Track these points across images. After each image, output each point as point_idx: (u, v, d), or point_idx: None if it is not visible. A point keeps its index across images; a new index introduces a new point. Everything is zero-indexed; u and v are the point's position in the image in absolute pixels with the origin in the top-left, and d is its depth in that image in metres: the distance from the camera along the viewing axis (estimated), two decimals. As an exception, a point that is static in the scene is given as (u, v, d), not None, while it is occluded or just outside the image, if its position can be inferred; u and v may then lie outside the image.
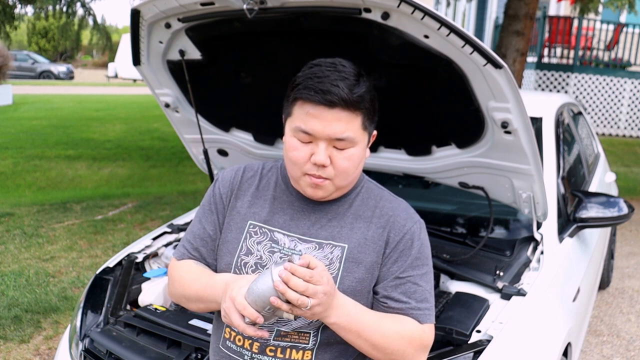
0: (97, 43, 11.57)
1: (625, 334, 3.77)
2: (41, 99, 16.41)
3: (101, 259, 4.55)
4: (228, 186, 1.45)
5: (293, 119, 1.30)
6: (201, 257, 1.45)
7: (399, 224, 1.36)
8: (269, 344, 1.32)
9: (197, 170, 7.24)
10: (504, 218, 2.55)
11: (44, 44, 40.77)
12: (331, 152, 1.28)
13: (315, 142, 1.28)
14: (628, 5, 7.91)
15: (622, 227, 5.93)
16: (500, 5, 13.34)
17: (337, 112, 1.25)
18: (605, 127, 11.81)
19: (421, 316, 1.33)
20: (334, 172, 1.30)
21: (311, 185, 1.31)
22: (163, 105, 2.46)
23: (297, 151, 1.30)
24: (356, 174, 1.36)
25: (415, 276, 1.34)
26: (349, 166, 1.30)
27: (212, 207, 1.45)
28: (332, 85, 1.23)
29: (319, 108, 1.25)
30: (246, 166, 1.49)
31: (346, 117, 1.26)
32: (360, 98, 1.26)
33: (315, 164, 1.28)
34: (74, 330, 2.13)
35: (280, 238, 1.36)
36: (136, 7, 1.92)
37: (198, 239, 1.45)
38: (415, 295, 1.33)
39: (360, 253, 1.33)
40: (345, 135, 1.27)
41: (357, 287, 1.32)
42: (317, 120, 1.26)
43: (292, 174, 1.34)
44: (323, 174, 1.29)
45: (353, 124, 1.27)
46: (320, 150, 1.27)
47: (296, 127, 1.29)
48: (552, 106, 3.11)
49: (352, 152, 1.30)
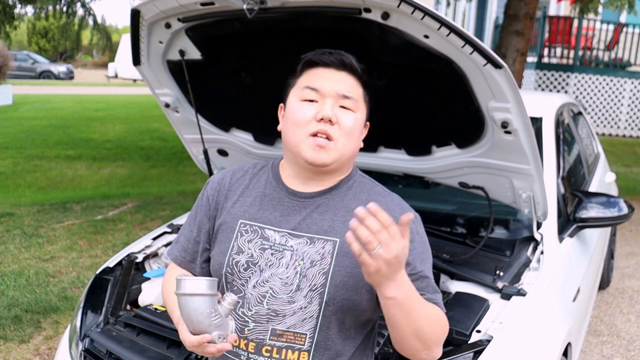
0: (97, 43, 11.54)
1: (625, 334, 3.77)
2: (41, 99, 16.41)
3: (101, 259, 4.55)
4: (216, 188, 1.47)
5: (300, 82, 1.37)
6: (189, 258, 1.51)
7: (395, 219, 1.36)
8: (264, 344, 1.32)
9: (197, 170, 7.24)
10: (504, 218, 2.55)
11: (44, 44, 40.75)
12: (337, 111, 1.32)
13: (322, 101, 1.33)
14: (628, 5, 7.91)
15: (622, 227, 5.93)
16: (500, 5, 13.34)
17: (344, 75, 1.35)
18: (605, 127, 11.81)
19: (441, 306, 1.35)
20: (340, 132, 1.32)
21: (314, 147, 1.31)
22: (163, 105, 2.46)
23: (302, 110, 1.33)
24: (355, 147, 1.38)
25: (424, 270, 1.35)
26: (353, 128, 1.34)
27: (198, 209, 1.49)
28: (340, 55, 1.37)
29: (327, 70, 1.35)
30: (236, 168, 1.51)
31: (352, 82, 1.36)
32: (363, 71, 1.38)
33: (322, 119, 1.31)
34: (74, 330, 2.13)
35: (271, 234, 1.36)
36: (136, 7, 1.92)
37: (186, 240, 1.51)
38: (428, 289, 1.34)
39: None
40: (352, 94, 1.34)
41: (350, 281, 1.31)
42: (325, 79, 1.34)
43: (295, 138, 1.34)
44: (329, 130, 1.31)
45: (357, 90, 1.37)
46: (327, 105, 1.32)
47: (304, 86, 1.35)
48: (552, 106, 3.11)
49: (355, 116, 1.35)
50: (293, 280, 1.32)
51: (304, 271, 1.32)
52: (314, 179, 1.39)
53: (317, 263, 1.32)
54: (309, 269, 1.32)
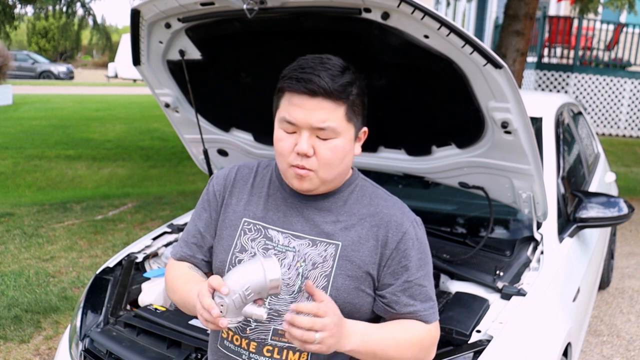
0: (97, 43, 11.54)
1: (625, 334, 3.77)
2: (41, 99, 16.41)
3: (101, 259, 4.55)
4: (222, 184, 1.46)
5: (280, 111, 1.32)
6: (194, 254, 1.47)
7: (396, 223, 1.36)
8: (266, 344, 1.33)
9: (197, 170, 7.23)
10: (504, 218, 2.55)
11: (44, 44, 40.74)
12: (314, 142, 1.29)
13: (299, 132, 1.29)
14: (628, 5, 7.91)
15: (622, 227, 5.93)
16: (500, 5, 13.34)
17: (319, 101, 1.26)
18: (605, 127, 11.81)
19: (426, 317, 1.35)
20: (317, 163, 1.30)
21: (296, 176, 1.32)
22: (163, 105, 2.46)
23: (283, 142, 1.31)
24: (342, 168, 1.35)
25: (420, 278, 1.35)
26: (333, 157, 1.30)
27: (205, 204, 1.47)
28: (314, 75, 1.25)
29: (301, 97, 1.27)
30: (241, 165, 1.50)
31: (328, 106, 1.27)
32: (342, 88, 1.27)
33: (298, 154, 1.29)
34: (74, 330, 2.13)
35: (275, 235, 1.36)
36: (136, 7, 1.92)
37: (191, 237, 1.48)
38: (420, 297, 1.34)
39: (354, 251, 1.33)
40: (327, 124, 1.27)
41: (351, 285, 1.32)
42: (299, 109, 1.27)
43: (280, 167, 1.35)
44: (306, 164, 1.29)
45: (335, 114, 1.28)
46: (303, 139, 1.28)
47: (281, 118, 1.31)
48: (552, 106, 3.11)
49: (335, 144, 1.30)
50: (295, 281, 1.32)
51: (305, 273, 1.32)
52: None
53: (319, 265, 1.32)
54: (310, 270, 1.32)
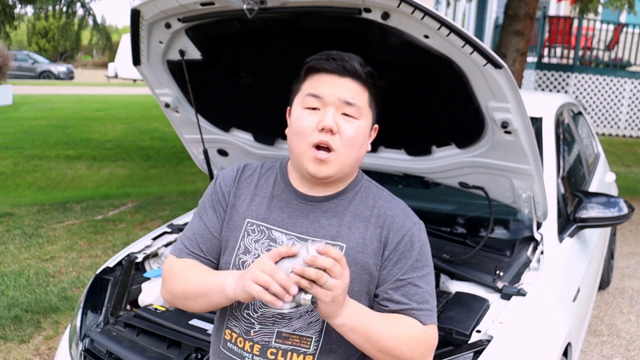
0: (97, 43, 11.54)
1: (625, 334, 3.77)
2: (41, 99, 16.41)
3: (101, 259, 4.55)
4: (229, 184, 1.44)
5: (304, 89, 1.34)
6: (202, 253, 1.41)
7: (398, 224, 1.36)
8: (270, 347, 1.32)
9: (197, 170, 7.24)
10: (504, 218, 2.55)
11: (44, 44, 40.74)
12: (339, 120, 1.31)
13: (324, 109, 1.31)
14: (628, 5, 7.91)
15: (622, 227, 5.93)
16: (500, 5, 13.34)
17: (347, 80, 1.32)
18: (605, 127, 11.81)
19: (422, 317, 1.33)
20: (341, 142, 1.30)
21: (315, 160, 1.31)
22: (163, 105, 2.46)
23: (305, 119, 1.32)
24: (359, 155, 1.36)
25: (415, 278, 1.34)
26: (355, 138, 1.32)
27: (214, 204, 1.43)
28: (344, 59, 1.33)
29: (330, 76, 1.32)
30: (245, 165, 1.48)
31: (356, 87, 1.33)
32: (369, 74, 1.34)
33: (323, 129, 1.29)
34: (74, 330, 2.13)
35: (278, 236, 1.36)
36: (136, 7, 1.92)
37: (198, 236, 1.42)
38: (415, 297, 1.33)
39: (359, 253, 1.33)
40: (355, 100, 1.31)
41: (355, 287, 1.31)
42: (327, 85, 1.31)
43: (297, 150, 1.34)
44: (330, 141, 1.29)
45: (362, 96, 1.34)
46: (329, 114, 1.30)
47: (306, 93, 1.32)
48: (552, 106, 3.11)
49: (359, 124, 1.33)
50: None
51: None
52: (320, 184, 1.38)
53: None
54: None
